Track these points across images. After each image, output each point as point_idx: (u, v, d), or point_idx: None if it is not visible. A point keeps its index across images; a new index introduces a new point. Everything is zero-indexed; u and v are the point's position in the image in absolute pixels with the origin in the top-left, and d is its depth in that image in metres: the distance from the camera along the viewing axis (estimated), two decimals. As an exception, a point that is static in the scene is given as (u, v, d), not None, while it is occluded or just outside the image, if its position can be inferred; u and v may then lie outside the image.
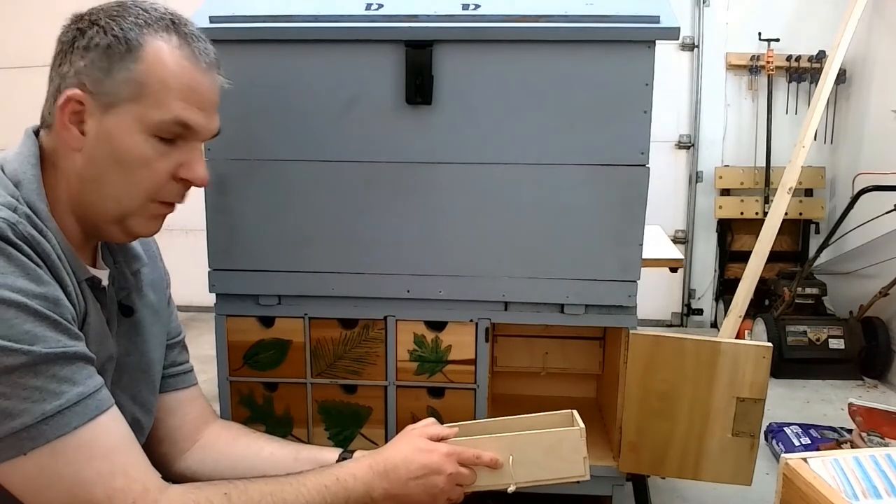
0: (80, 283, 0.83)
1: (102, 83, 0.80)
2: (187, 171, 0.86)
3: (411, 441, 1.00)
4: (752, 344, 1.28)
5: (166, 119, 0.82)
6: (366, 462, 0.96)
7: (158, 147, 0.83)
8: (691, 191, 3.44)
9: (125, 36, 0.80)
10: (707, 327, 3.50)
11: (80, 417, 0.75)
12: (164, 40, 0.82)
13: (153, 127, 0.81)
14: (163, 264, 1.07)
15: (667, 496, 1.80)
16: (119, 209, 0.84)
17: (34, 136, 0.85)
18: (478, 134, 1.27)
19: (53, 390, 0.73)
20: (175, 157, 0.85)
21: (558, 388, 1.73)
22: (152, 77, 0.80)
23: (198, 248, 1.37)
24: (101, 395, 0.78)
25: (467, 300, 1.33)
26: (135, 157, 0.82)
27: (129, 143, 0.81)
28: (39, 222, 0.78)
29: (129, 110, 0.81)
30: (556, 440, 1.02)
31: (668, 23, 1.22)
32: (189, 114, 0.83)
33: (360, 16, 1.25)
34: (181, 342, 1.09)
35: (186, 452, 1.04)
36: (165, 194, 0.86)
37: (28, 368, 0.72)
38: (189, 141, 0.85)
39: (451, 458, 0.98)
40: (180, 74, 0.82)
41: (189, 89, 0.83)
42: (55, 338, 0.74)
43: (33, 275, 0.74)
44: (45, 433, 0.73)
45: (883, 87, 2.98)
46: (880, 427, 1.82)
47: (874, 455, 0.96)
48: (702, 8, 3.32)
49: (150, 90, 0.81)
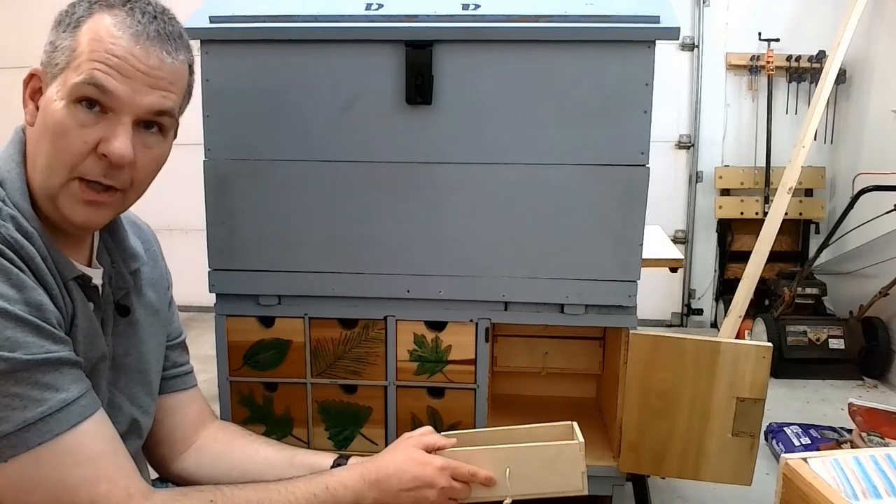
0: (67, 282, 0.82)
1: (50, 56, 0.81)
2: (105, 144, 0.80)
3: (406, 451, 0.98)
4: (752, 344, 1.28)
5: (79, 80, 0.78)
6: (357, 470, 0.95)
7: (80, 116, 0.79)
8: (691, 191, 3.44)
9: (75, 11, 0.81)
10: (707, 327, 3.50)
11: (62, 424, 0.74)
12: (109, 14, 0.81)
13: (71, 91, 0.78)
14: (164, 264, 1.06)
15: (667, 496, 1.80)
16: (47, 184, 0.81)
17: (22, 133, 0.84)
18: (478, 134, 1.27)
19: (35, 397, 0.73)
20: (98, 130, 0.80)
21: (558, 388, 1.73)
22: (82, 44, 0.79)
23: (198, 248, 1.37)
24: (86, 400, 0.78)
25: (467, 300, 1.33)
26: (55, 123, 0.79)
27: (53, 110, 0.79)
28: (25, 223, 0.77)
29: (60, 78, 0.80)
30: (554, 453, 1.01)
31: (668, 23, 1.22)
32: (105, 78, 0.78)
33: (360, 16, 1.25)
34: (182, 343, 1.09)
35: (183, 454, 1.04)
36: (86, 170, 0.80)
37: (8, 375, 0.71)
38: (116, 114, 0.80)
39: (444, 472, 0.97)
40: (107, 40, 0.79)
41: (112, 55, 0.79)
42: (38, 343, 0.73)
43: (15, 279, 0.73)
44: (26, 440, 0.72)
45: (883, 87, 2.98)
46: (880, 427, 1.82)
47: (874, 455, 0.96)
48: (702, 8, 3.32)
49: (76, 55, 0.79)
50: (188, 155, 1.51)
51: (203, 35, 1.26)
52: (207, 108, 1.29)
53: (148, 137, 0.84)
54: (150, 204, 1.02)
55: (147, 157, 0.84)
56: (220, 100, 1.29)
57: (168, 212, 3.41)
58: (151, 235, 1.06)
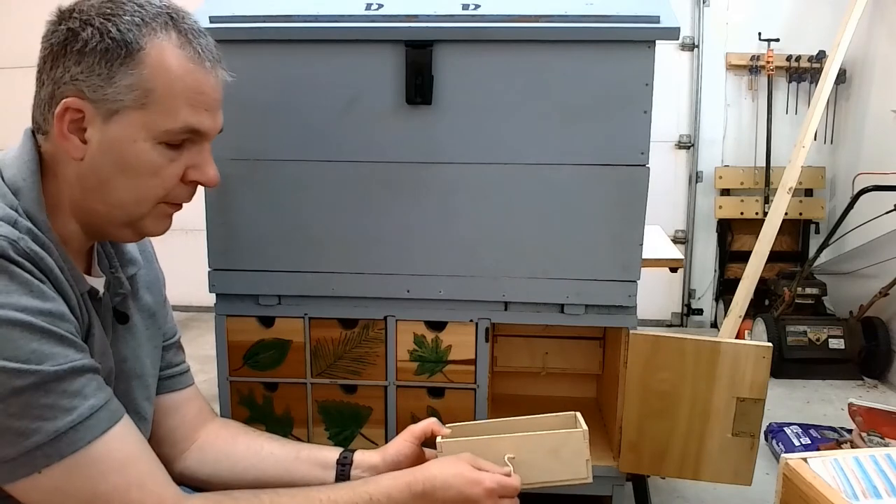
0: (83, 294, 0.82)
1: (103, 90, 0.76)
2: (198, 173, 0.84)
3: (457, 466, 0.93)
4: (752, 344, 1.28)
5: (176, 128, 0.79)
6: (404, 480, 0.91)
7: (166, 153, 0.80)
8: (691, 191, 3.44)
9: (123, 38, 0.76)
10: (707, 327, 3.50)
11: (93, 431, 0.74)
12: (166, 39, 0.78)
13: (162, 135, 0.79)
14: (158, 265, 1.06)
15: (667, 496, 1.80)
16: (127, 216, 0.82)
17: (33, 137, 0.82)
18: (478, 134, 1.27)
19: (65, 406, 0.72)
20: (183, 161, 0.82)
21: (558, 388, 1.73)
22: (157, 82, 0.77)
23: (198, 248, 1.37)
24: (113, 405, 0.77)
25: (467, 300, 1.33)
26: (143, 164, 0.79)
27: (136, 151, 0.78)
28: (41, 235, 0.76)
29: (133, 117, 0.77)
30: (558, 442, 1.00)
31: (668, 23, 1.22)
32: (198, 118, 0.80)
33: (360, 16, 1.25)
34: (177, 343, 1.08)
35: (185, 453, 1.03)
36: (174, 196, 0.84)
37: (38, 388, 0.71)
38: (197, 143, 0.83)
39: (493, 496, 0.92)
40: (185, 77, 0.78)
41: (196, 92, 0.79)
42: (63, 353, 0.73)
43: (37, 291, 0.73)
44: (59, 450, 0.72)
45: (883, 87, 2.98)
46: (880, 427, 1.82)
47: (874, 455, 0.96)
48: (702, 8, 3.32)
49: (155, 96, 0.77)
50: (188, 155, 1.50)
51: (203, 35, 1.26)
52: (207, 108, 1.29)
53: None
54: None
55: None
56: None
57: (168, 212, 3.41)
58: None
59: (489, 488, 0.92)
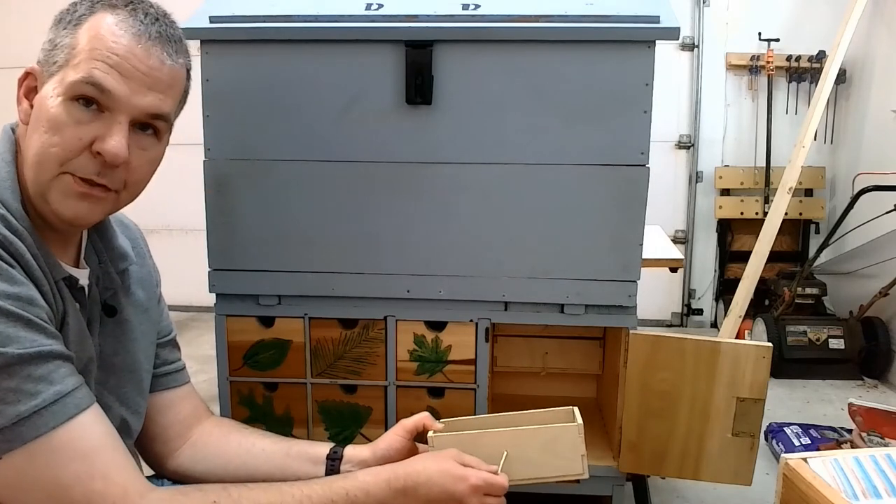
0: (58, 282, 0.81)
1: (49, 54, 0.80)
2: (99, 142, 0.79)
3: (442, 462, 0.92)
4: (752, 344, 1.28)
5: (78, 78, 0.78)
6: (384, 476, 0.90)
7: (76, 113, 0.78)
8: (691, 191, 3.44)
9: (77, 10, 0.81)
10: (707, 327, 3.50)
11: (57, 417, 0.73)
12: (111, 13, 0.80)
13: (69, 88, 0.78)
14: (152, 262, 1.05)
15: (667, 496, 1.80)
16: (37, 179, 0.80)
17: (11, 131, 0.84)
18: (477, 134, 1.27)
19: (29, 391, 0.72)
20: (93, 128, 0.79)
21: (558, 388, 1.73)
22: (82, 41, 0.79)
23: (198, 248, 1.37)
24: (80, 393, 0.77)
25: (467, 300, 1.33)
26: (50, 118, 0.78)
27: (49, 106, 0.78)
28: (14, 221, 0.77)
29: (59, 76, 0.79)
30: (553, 436, 0.99)
31: (668, 23, 1.22)
32: (105, 77, 0.78)
33: (360, 16, 1.25)
34: (172, 340, 1.08)
35: (179, 450, 1.03)
36: (78, 166, 0.79)
37: (2, 371, 0.70)
38: (113, 113, 0.80)
39: (478, 492, 0.91)
40: (108, 39, 0.79)
41: (113, 54, 0.79)
42: (30, 337, 0.73)
43: (5, 275, 0.73)
44: (21, 435, 0.71)
45: (883, 87, 2.98)
46: (880, 427, 1.82)
47: (874, 455, 0.96)
48: (702, 8, 3.32)
49: (75, 52, 0.79)
50: (188, 155, 1.51)
51: (203, 35, 1.26)
52: (207, 108, 1.29)
53: (143, 139, 0.83)
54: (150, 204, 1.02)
55: (141, 159, 0.84)
56: (220, 100, 1.29)
57: (168, 212, 3.42)
58: (138, 233, 1.05)
59: (474, 485, 0.91)
